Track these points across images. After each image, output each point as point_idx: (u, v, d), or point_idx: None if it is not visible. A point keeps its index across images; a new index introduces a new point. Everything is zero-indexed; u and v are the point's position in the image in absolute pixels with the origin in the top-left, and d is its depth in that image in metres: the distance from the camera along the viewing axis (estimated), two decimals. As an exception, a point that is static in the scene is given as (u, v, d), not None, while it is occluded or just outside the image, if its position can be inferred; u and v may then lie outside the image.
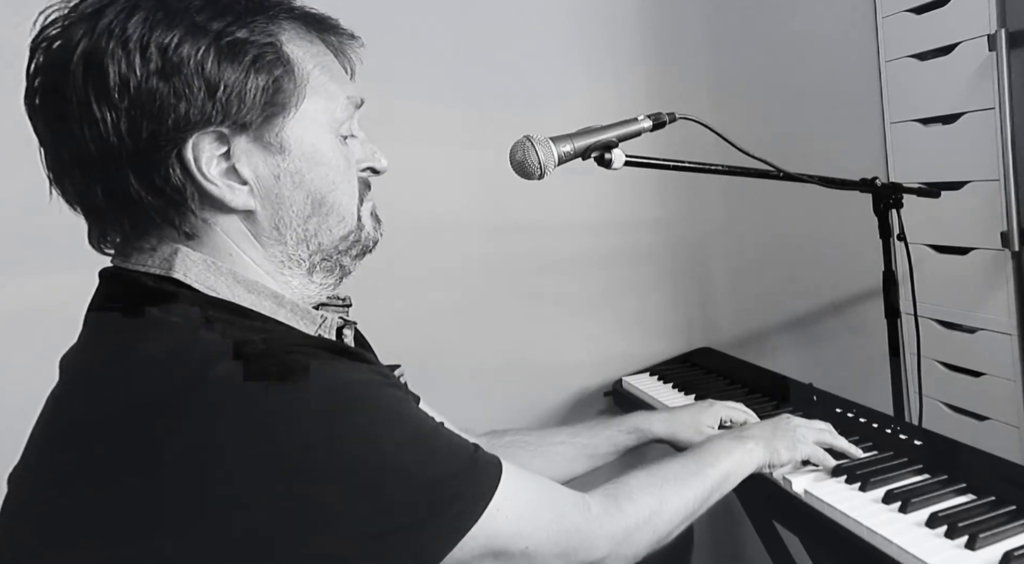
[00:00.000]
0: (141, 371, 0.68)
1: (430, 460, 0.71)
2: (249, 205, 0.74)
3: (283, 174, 0.75)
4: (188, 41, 0.68)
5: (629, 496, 0.88)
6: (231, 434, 0.64)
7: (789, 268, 1.95)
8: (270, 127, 0.73)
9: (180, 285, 0.73)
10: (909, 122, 1.86)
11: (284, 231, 0.77)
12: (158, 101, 0.68)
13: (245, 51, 0.70)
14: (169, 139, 0.69)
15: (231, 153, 0.72)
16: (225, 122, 0.70)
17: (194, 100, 0.68)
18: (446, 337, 1.72)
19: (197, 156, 0.70)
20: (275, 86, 0.72)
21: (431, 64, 1.66)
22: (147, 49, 0.67)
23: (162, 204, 0.71)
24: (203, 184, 0.71)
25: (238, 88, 0.70)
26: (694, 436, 1.22)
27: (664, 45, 1.83)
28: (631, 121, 1.17)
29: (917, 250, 1.55)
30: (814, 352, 1.96)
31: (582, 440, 1.22)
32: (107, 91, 0.67)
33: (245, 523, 0.64)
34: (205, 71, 0.68)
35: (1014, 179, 1.57)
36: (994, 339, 1.69)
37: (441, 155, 1.69)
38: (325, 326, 0.80)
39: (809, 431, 1.15)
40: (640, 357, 1.84)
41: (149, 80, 0.67)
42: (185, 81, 0.68)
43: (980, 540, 0.91)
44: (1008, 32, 1.54)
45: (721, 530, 1.92)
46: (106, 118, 0.67)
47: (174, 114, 0.68)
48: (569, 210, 1.79)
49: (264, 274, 0.78)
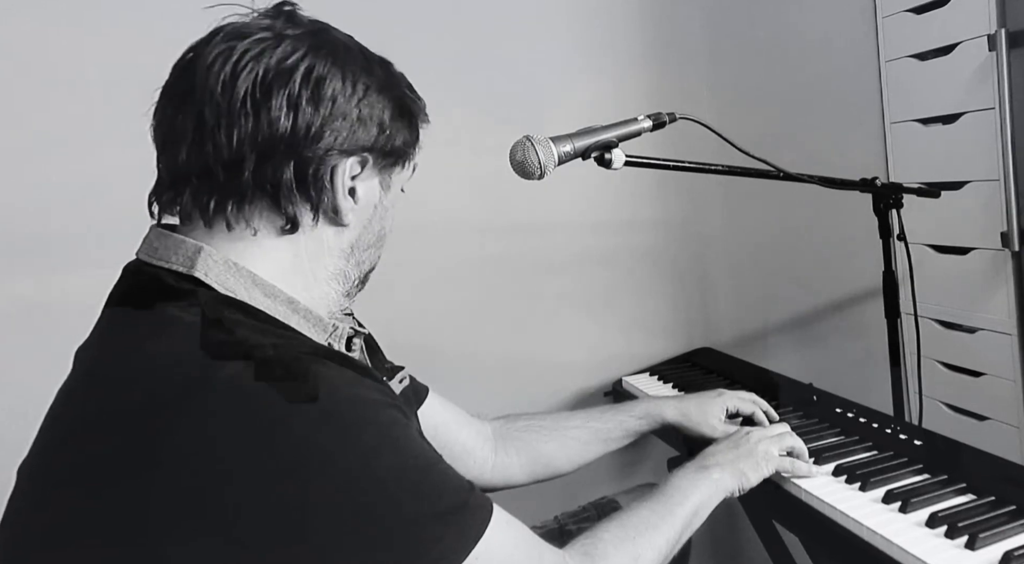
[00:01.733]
0: (150, 369, 0.69)
1: (421, 495, 0.70)
2: (348, 221, 0.83)
3: (379, 206, 0.87)
4: (374, 92, 0.82)
5: (604, 555, 0.89)
6: (232, 436, 0.65)
7: (789, 268, 1.95)
8: (391, 168, 0.87)
9: (200, 284, 0.75)
10: (909, 122, 1.86)
11: (354, 253, 0.86)
12: (348, 121, 0.80)
13: (411, 113, 0.87)
14: (342, 151, 0.80)
15: (360, 176, 0.83)
16: (372, 152, 0.83)
17: (368, 132, 0.82)
18: (446, 337, 1.72)
19: (344, 169, 0.81)
20: (412, 140, 0.88)
21: (430, 64, 1.65)
22: (356, 84, 0.81)
23: (295, 196, 0.79)
24: (331, 190, 0.81)
25: (398, 136, 0.85)
26: (700, 426, 1.25)
27: (664, 45, 1.83)
28: (631, 121, 1.17)
29: (917, 250, 1.55)
30: (814, 352, 1.96)
31: (596, 425, 1.26)
32: (319, 99, 0.78)
33: (239, 527, 0.64)
34: (384, 118, 0.83)
35: (1014, 179, 1.57)
36: (994, 339, 1.69)
37: (441, 155, 1.68)
38: (336, 335, 0.84)
39: (772, 443, 1.14)
40: (640, 357, 1.84)
41: (348, 104, 0.80)
42: (370, 115, 0.82)
43: (980, 540, 0.91)
44: (1008, 32, 1.54)
45: (721, 530, 1.92)
46: (306, 112, 0.77)
47: (352, 136, 0.80)
48: (569, 210, 1.79)
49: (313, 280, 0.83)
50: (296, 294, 0.80)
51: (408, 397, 1.07)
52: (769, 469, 1.11)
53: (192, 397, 0.66)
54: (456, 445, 1.14)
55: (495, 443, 1.22)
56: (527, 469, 1.23)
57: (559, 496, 1.37)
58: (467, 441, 1.18)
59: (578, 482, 1.33)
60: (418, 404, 1.11)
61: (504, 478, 1.22)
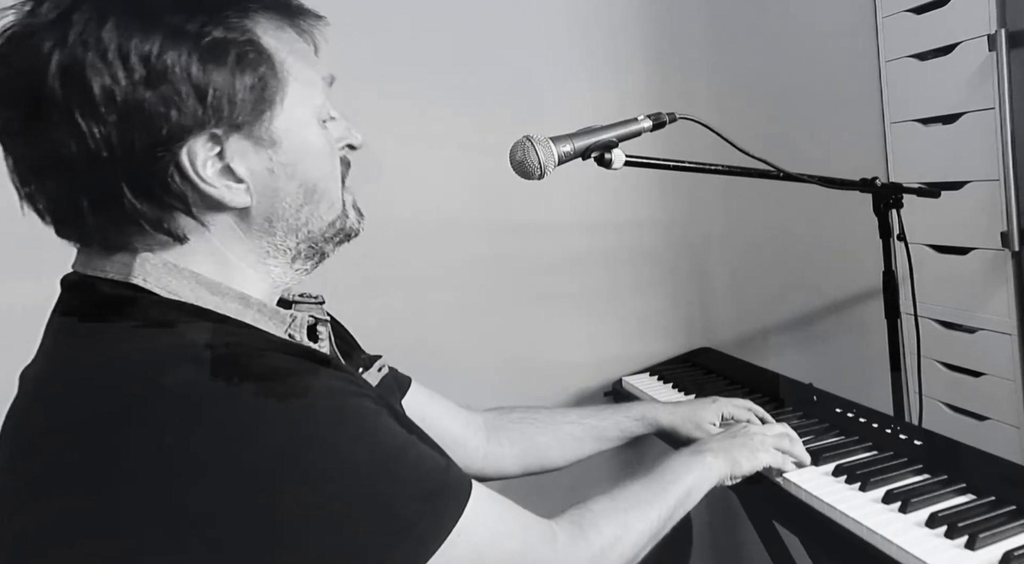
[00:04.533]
0: (99, 380, 0.66)
1: (395, 479, 0.68)
2: (246, 202, 0.73)
3: (276, 167, 0.74)
4: (169, 47, 0.66)
5: (594, 523, 0.87)
6: (191, 444, 0.62)
7: (789, 268, 1.95)
8: (260, 123, 0.72)
9: (140, 290, 0.71)
10: (909, 122, 1.86)
11: (275, 223, 0.76)
12: (148, 111, 0.66)
13: (227, 51, 0.69)
14: (166, 149, 0.68)
15: (224, 153, 0.71)
16: (218, 124, 0.70)
17: (185, 107, 0.67)
18: (446, 337, 1.72)
19: (193, 161, 0.69)
20: (261, 84, 0.71)
21: (431, 64, 1.66)
22: (128, 58, 0.65)
23: (158, 214, 0.70)
24: (203, 187, 0.71)
25: (227, 90, 0.69)
26: (694, 431, 1.23)
27: (664, 45, 1.83)
28: (631, 121, 1.17)
29: (917, 250, 1.55)
30: (814, 352, 1.96)
31: (592, 422, 1.24)
32: (93, 105, 0.65)
33: (208, 534, 0.62)
34: (192, 76, 0.67)
35: (1014, 179, 1.57)
36: (994, 339, 1.69)
37: (441, 155, 1.69)
38: (295, 325, 0.79)
39: (768, 438, 1.14)
40: (640, 357, 1.84)
41: (136, 91, 0.65)
42: (173, 88, 0.67)
43: (980, 540, 0.91)
44: (1008, 32, 1.54)
45: (721, 530, 1.92)
46: (94, 132, 0.65)
47: (167, 123, 0.67)
48: (569, 210, 1.79)
49: (245, 267, 0.76)
50: (247, 288, 0.76)
51: (389, 386, 1.04)
52: (762, 462, 1.10)
53: (143, 407, 0.63)
54: (446, 436, 1.11)
55: (487, 433, 1.20)
56: (520, 461, 1.21)
57: (560, 496, 1.37)
58: (457, 431, 1.16)
59: (579, 482, 1.33)
60: (401, 394, 1.09)
61: (496, 469, 1.20)
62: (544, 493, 1.27)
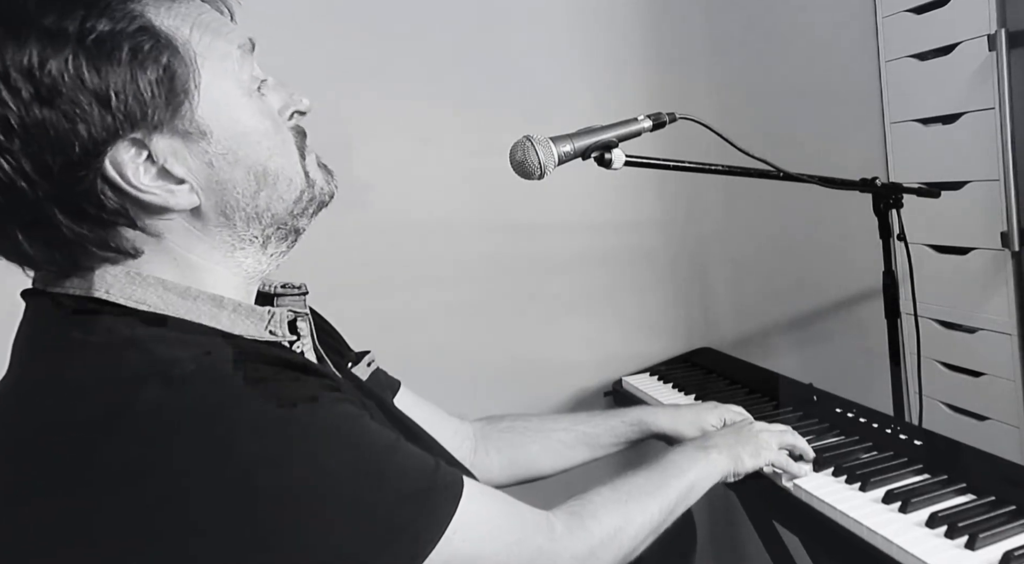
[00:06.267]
0: (65, 399, 0.62)
1: (383, 482, 0.67)
2: (193, 202, 0.69)
3: (215, 159, 0.69)
4: (50, 54, 0.59)
5: (593, 514, 0.85)
6: (169, 463, 0.59)
7: (789, 268, 1.96)
8: (180, 117, 0.66)
9: (104, 304, 0.68)
10: (909, 122, 1.86)
11: (232, 215, 0.72)
12: (52, 131, 0.60)
13: (119, 46, 0.62)
14: (84, 165, 0.62)
15: (154, 156, 0.66)
16: (135, 128, 0.64)
17: (90, 118, 0.61)
18: (446, 337, 1.72)
19: (122, 172, 0.65)
20: (168, 74, 0.64)
21: (431, 64, 1.66)
22: (8, 77, 0.58)
23: (100, 233, 0.66)
24: (141, 197, 0.66)
25: (131, 90, 0.62)
26: (696, 435, 1.21)
27: (664, 45, 1.83)
28: (631, 121, 1.17)
29: (917, 250, 1.55)
30: (814, 352, 1.96)
31: (584, 428, 1.20)
32: None
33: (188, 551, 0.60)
34: (86, 83, 0.60)
35: (1014, 179, 1.57)
36: (994, 339, 1.69)
37: (441, 155, 1.69)
38: (274, 322, 0.75)
39: (772, 436, 1.13)
40: (640, 357, 1.84)
41: (30, 111, 0.59)
42: (70, 100, 0.60)
43: (980, 540, 0.91)
44: (1008, 32, 1.54)
45: (721, 530, 1.92)
46: (2, 165, 0.60)
47: (77, 139, 0.61)
48: (569, 210, 1.79)
49: (212, 265, 0.73)
50: (218, 288, 0.72)
51: (380, 381, 1.02)
52: (765, 460, 1.10)
53: (114, 425, 0.60)
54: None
55: (475, 443, 1.17)
56: (507, 470, 1.18)
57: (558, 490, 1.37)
58: (444, 439, 1.12)
59: (579, 485, 1.33)
60: (392, 393, 1.07)
61: (484, 480, 1.16)
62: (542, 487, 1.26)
